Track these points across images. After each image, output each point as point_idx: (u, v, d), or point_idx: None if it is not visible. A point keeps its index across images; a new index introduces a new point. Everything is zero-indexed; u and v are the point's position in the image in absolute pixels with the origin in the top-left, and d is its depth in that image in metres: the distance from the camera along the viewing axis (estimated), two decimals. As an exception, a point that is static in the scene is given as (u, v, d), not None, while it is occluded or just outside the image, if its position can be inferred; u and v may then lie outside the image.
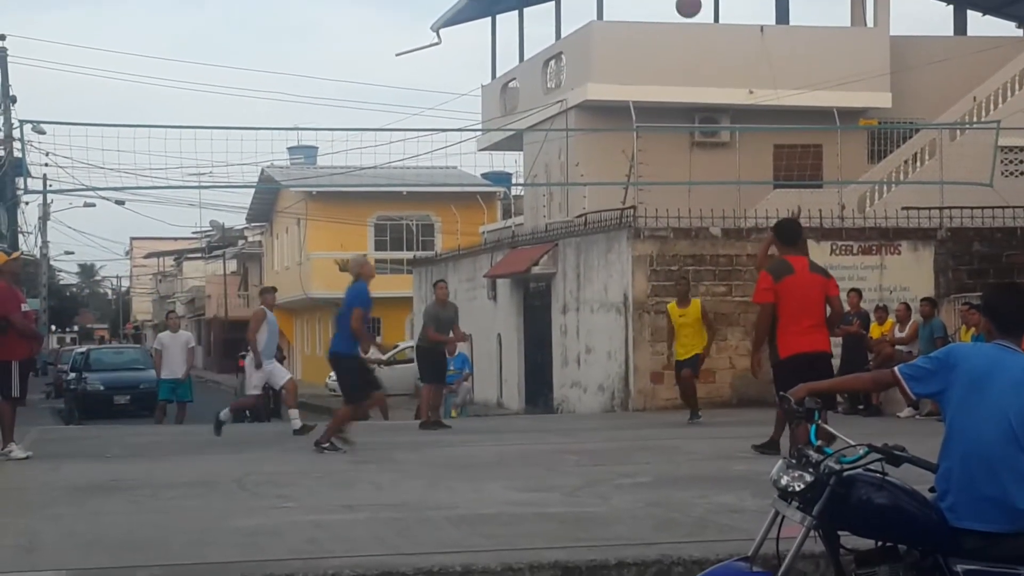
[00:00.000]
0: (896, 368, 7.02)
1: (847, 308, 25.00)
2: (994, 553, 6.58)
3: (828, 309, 13.58)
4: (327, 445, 17.28)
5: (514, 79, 42.23)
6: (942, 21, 79.39)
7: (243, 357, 28.49)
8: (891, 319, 24.83)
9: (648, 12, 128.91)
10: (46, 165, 42.18)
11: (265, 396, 28.15)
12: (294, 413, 21.21)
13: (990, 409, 6.60)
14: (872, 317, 25.09)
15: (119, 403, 38.90)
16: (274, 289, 23.63)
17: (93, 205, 68.95)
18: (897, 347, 23.88)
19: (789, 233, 13.96)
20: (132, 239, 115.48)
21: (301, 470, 15.36)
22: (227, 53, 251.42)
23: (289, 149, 60.99)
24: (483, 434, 19.66)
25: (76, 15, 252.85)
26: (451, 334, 22.17)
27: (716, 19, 40.42)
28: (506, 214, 49.68)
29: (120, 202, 54.39)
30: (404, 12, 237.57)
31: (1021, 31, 43.77)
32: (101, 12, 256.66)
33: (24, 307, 16.94)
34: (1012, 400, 6.60)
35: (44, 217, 72.90)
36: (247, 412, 28.46)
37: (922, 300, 24.39)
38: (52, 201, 71.38)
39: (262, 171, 54.59)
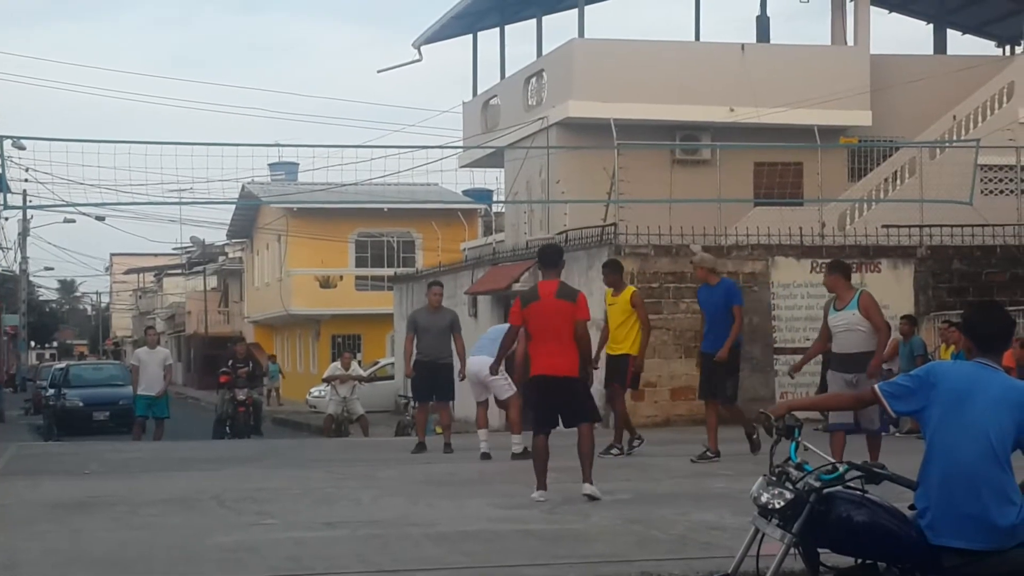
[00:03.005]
0: (876, 386, 7.05)
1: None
2: (973, 571, 6.61)
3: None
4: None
5: (495, 96, 42.26)
6: (922, 40, 79.74)
7: (225, 373, 28.42)
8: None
9: (629, 30, 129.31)
10: (26, 180, 42.14)
11: (246, 412, 28.14)
12: (483, 434, 19.54)
13: (970, 427, 6.63)
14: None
15: (98, 419, 38.80)
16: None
17: (73, 221, 68.71)
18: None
19: (546, 258, 14.03)
20: (112, 255, 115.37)
21: (281, 487, 15.35)
22: (209, 71, 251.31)
23: (270, 165, 60.95)
24: (464, 451, 19.62)
25: (59, 32, 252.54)
26: (454, 348, 20.26)
27: (697, 37, 40.49)
28: (487, 231, 49.68)
29: (100, 218, 54.38)
30: (386, 29, 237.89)
31: (1000, 50, 43.97)
32: (84, 29, 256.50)
33: None
34: (992, 418, 6.63)
35: (24, 233, 72.69)
36: (227, 428, 28.41)
37: (902, 318, 24.42)
38: (32, 217, 71.18)
39: (243, 187, 54.53)
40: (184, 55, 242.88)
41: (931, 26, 43.51)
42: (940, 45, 42.94)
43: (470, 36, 43.62)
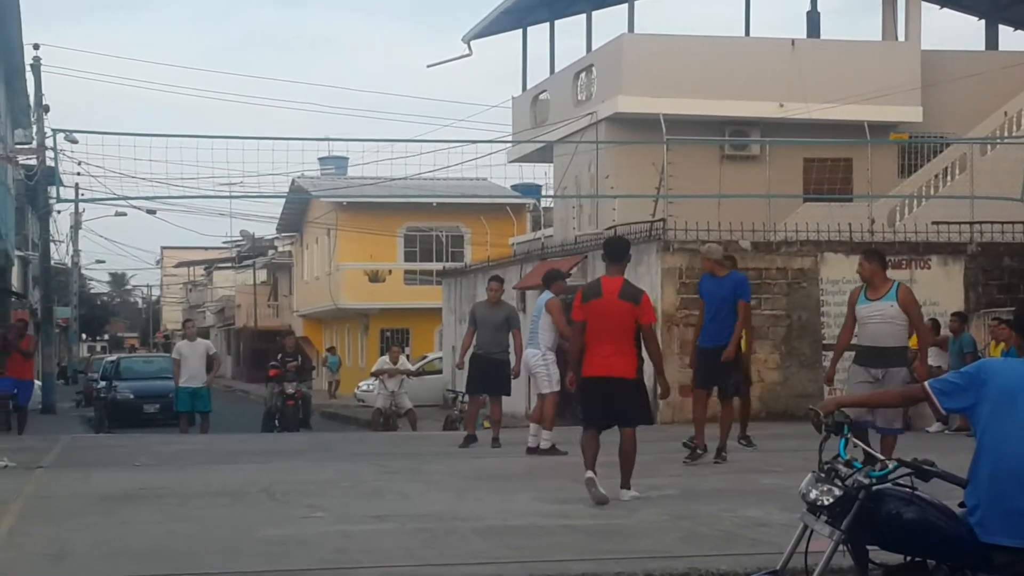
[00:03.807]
0: (926, 383, 7.01)
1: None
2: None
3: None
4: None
5: (544, 91, 42.24)
6: (973, 35, 79.20)
7: (274, 367, 28.45)
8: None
9: (679, 25, 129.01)
10: (78, 174, 42.34)
11: (295, 406, 28.18)
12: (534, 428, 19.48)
13: (1020, 423, 6.58)
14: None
15: (149, 412, 38.98)
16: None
17: (124, 214, 69.21)
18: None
19: (612, 251, 13.51)
20: (163, 248, 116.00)
21: (330, 480, 15.39)
22: (259, 64, 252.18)
23: (320, 159, 61.14)
24: (511, 445, 19.62)
25: (109, 27, 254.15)
26: (511, 344, 20.14)
27: (747, 32, 40.38)
28: (536, 226, 49.64)
29: (151, 211, 54.67)
30: (436, 24, 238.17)
31: (1053, 46, 43.66)
32: (133, 24, 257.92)
33: None
34: (1042, 415, 6.58)
35: (76, 226, 73.28)
36: (276, 421, 28.47)
37: (952, 315, 24.29)
38: (84, 210, 71.78)
39: (293, 181, 54.72)
40: (233, 49, 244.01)
41: (983, 22, 43.22)
42: (992, 41, 42.66)
43: (519, 31, 43.62)
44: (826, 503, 6.66)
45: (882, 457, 6.95)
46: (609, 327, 12.97)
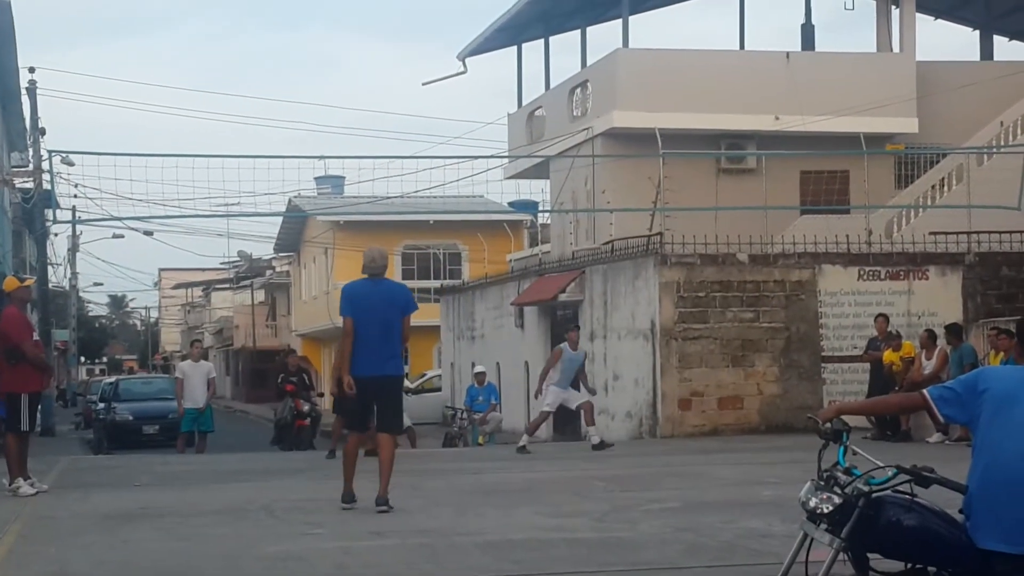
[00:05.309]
0: (926, 390, 6.99)
1: (874, 333, 25.01)
2: (1026, 578, 6.53)
3: None
4: None
5: (540, 107, 42.30)
6: (968, 46, 79.37)
7: (291, 383, 28.29)
8: (909, 343, 24.63)
9: (673, 40, 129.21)
10: (75, 196, 42.31)
11: (304, 425, 28.07)
12: (593, 430, 22.83)
13: (1015, 429, 6.56)
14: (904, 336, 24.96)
15: (148, 433, 38.98)
16: (576, 328, 24.67)
17: (122, 236, 68.95)
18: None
19: None
20: (161, 270, 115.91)
21: (329, 497, 15.36)
22: (256, 87, 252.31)
23: (316, 179, 61.08)
24: (511, 461, 19.64)
25: (105, 49, 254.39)
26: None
27: (742, 46, 40.44)
28: (533, 242, 49.70)
29: (149, 233, 54.53)
30: (431, 42, 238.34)
31: (1048, 55, 43.68)
32: (130, 46, 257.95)
33: (35, 336, 16.73)
34: (1038, 420, 6.56)
35: (73, 248, 73.15)
36: (281, 440, 28.35)
37: (946, 329, 24.10)
38: (81, 232, 71.52)
39: (289, 201, 54.73)
40: (227, 72, 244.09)
41: (977, 32, 43.30)
42: (987, 51, 42.72)
43: (514, 48, 43.72)
44: (826, 511, 6.65)
45: (881, 464, 6.94)
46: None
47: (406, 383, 33.43)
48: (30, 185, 42.57)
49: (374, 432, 13.96)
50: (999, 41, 43.35)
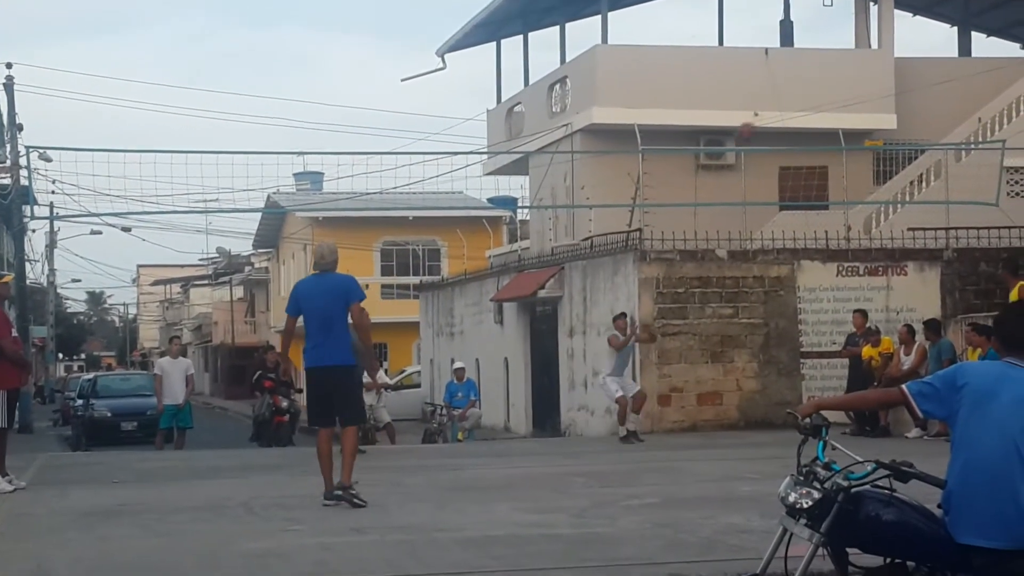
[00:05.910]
0: (904, 386, 7.00)
1: (853, 329, 25.07)
2: (1003, 571, 6.54)
3: None
4: None
5: (519, 103, 42.27)
6: (947, 42, 79.49)
7: (269, 379, 28.22)
8: (888, 338, 24.68)
9: (653, 36, 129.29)
10: (53, 192, 42.30)
11: (283, 421, 27.99)
12: (633, 417, 23.35)
13: (993, 424, 6.58)
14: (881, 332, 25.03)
15: (126, 429, 38.85)
16: (623, 315, 24.49)
17: (100, 233, 68.82)
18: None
19: None
20: (139, 266, 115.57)
21: (309, 493, 15.33)
22: (234, 83, 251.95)
23: (295, 175, 60.99)
24: (491, 457, 19.64)
25: (84, 46, 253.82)
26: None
27: (720, 42, 40.45)
28: (512, 238, 49.67)
29: (127, 229, 54.38)
30: (410, 39, 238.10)
31: (1025, 52, 43.80)
32: (109, 43, 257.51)
33: (13, 332, 16.59)
34: (1016, 415, 6.57)
35: (51, 245, 72.87)
36: (260, 436, 28.28)
37: (925, 325, 24.17)
38: (59, 229, 71.34)
39: (268, 197, 54.63)
40: (204, 69, 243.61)
41: (955, 29, 43.37)
42: (965, 48, 42.79)
43: (493, 44, 43.65)
44: (805, 506, 6.66)
45: (860, 459, 6.95)
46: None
47: (386, 379, 33.34)
48: (7, 181, 42.47)
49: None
50: (977, 38, 43.44)
